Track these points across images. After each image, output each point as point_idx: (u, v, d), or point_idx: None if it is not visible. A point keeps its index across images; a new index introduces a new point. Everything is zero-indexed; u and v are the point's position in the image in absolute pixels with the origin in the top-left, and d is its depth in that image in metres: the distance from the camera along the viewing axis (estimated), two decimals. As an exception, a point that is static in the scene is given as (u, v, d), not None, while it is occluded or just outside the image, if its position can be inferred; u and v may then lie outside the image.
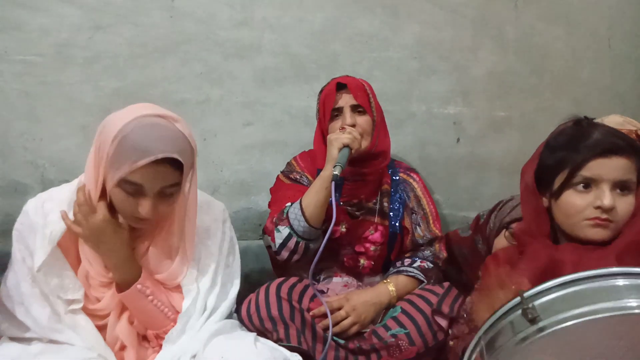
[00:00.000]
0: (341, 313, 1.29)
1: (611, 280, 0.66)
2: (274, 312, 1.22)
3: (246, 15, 1.74)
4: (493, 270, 1.07)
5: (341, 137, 1.29)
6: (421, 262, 1.43)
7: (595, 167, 0.94)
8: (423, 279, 1.39)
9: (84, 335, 1.04)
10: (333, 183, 1.18)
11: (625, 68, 2.23)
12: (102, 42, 1.61)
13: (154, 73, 1.66)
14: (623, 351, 0.64)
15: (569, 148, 0.98)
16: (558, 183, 0.99)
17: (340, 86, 1.42)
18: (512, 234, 1.37)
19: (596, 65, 2.18)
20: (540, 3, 2.07)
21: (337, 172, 1.20)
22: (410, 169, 1.58)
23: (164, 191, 1.00)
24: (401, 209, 1.46)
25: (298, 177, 1.48)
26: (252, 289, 1.30)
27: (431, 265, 1.43)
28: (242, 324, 1.22)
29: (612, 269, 0.67)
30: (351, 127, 1.35)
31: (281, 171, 1.55)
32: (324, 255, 1.43)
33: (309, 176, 1.47)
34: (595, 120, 1.06)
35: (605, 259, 0.88)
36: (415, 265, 1.42)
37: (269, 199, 1.53)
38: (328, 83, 1.46)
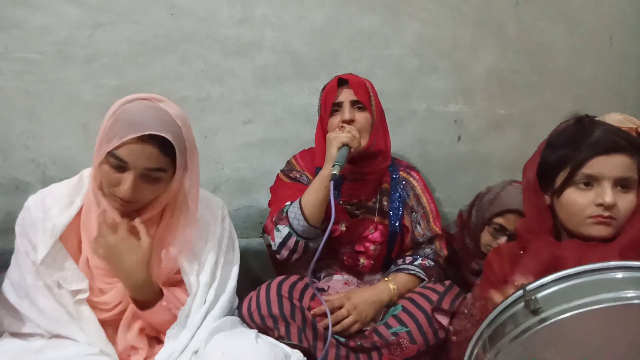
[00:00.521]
0: (342, 312, 1.29)
1: (610, 273, 0.67)
2: (275, 310, 1.22)
3: (246, 13, 1.74)
4: (495, 266, 1.07)
5: (340, 136, 1.29)
6: (422, 260, 1.43)
7: (596, 165, 0.95)
8: (424, 277, 1.39)
9: (87, 329, 1.04)
10: (332, 182, 1.18)
11: (626, 66, 2.22)
12: (103, 40, 1.61)
13: (155, 71, 1.66)
14: (622, 341, 0.65)
15: (571, 146, 0.99)
16: (560, 181, 0.99)
17: (342, 82, 1.42)
18: (495, 229, 1.41)
19: (597, 63, 2.18)
20: (541, 1, 2.07)
21: (336, 172, 1.19)
22: (410, 167, 1.58)
23: (149, 174, 1.01)
24: (401, 208, 1.46)
25: (298, 176, 1.48)
26: (253, 287, 1.30)
27: (432, 263, 1.43)
28: (243, 322, 1.23)
29: (611, 263, 0.68)
30: (350, 126, 1.35)
31: (281, 170, 1.55)
32: (324, 253, 1.43)
33: (309, 175, 1.47)
34: (596, 118, 1.06)
35: (607, 256, 0.88)
36: (416, 263, 1.42)
37: (270, 197, 1.54)
38: (331, 80, 1.46)
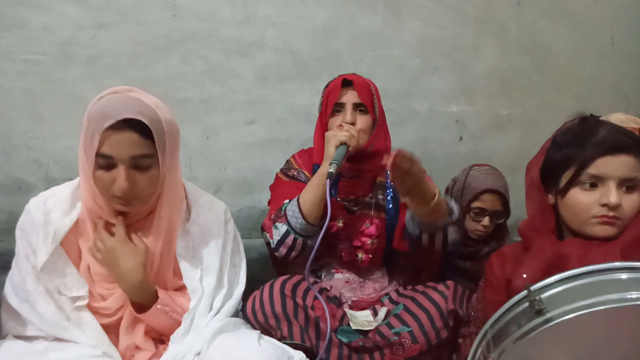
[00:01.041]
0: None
1: (615, 274, 0.67)
2: (278, 309, 1.22)
3: (248, 13, 1.74)
4: (496, 268, 1.07)
5: (338, 135, 1.29)
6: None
7: (601, 165, 0.94)
8: (453, 208, 1.31)
9: (89, 332, 1.04)
10: (328, 180, 1.17)
11: (628, 65, 2.22)
12: (105, 41, 1.61)
13: (157, 71, 1.67)
14: (627, 341, 0.65)
15: (576, 145, 0.98)
16: (564, 180, 0.99)
17: (346, 83, 1.42)
18: (475, 213, 1.54)
19: (599, 62, 2.18)
20: (542, 0, 2.07)
21: (332, 170, 1.19)
22: None
23: (137, 163, 1.01)
24: (397, 197, 1.43)
25: (296, 174, 1.48)
26: (256, 287, 1.30)
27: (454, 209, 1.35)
28: (247, 321, 1.23)
29: (616, 264, 0.68)
30: (349, 125, 1.35)
31: (280, 169, 1.55)
32: (323, 251, 1.43)
33: (307, 173, 1.47)
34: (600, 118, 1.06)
35: (610, 254, 0.88)
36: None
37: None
38: (334, 78, 1.46)
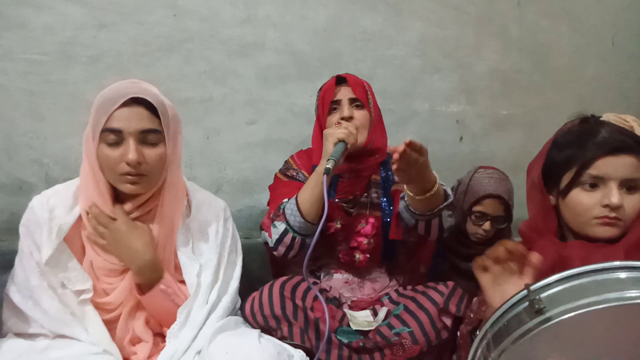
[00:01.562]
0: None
1: (614, 273, 0.67)
2: (277, 311, 1.22)
3: (249, 13, 1.74)
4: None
5: (337, 132, 1.28)
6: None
7: (603, 166, 0.94)
8: (450, 194, 1.28)
9: (91, 328, 1.05)
10: (325, 176, 1.16)
11: (629, 65, 2.22)
12: (106, 41, 1.61)
13: (158, 71, 1.67)
14: (627, 340, 0.65)
15: (577, 146, 0.98)
16: (566, 181, 0.98)
17: (340, 81, 1.42)
18: (477, 217, 1.50)
19: (600, 62, 2.18)
20: (543, 1, 2.07)
21: (330, 166, 1.17)
22: None
23: (145, 138, 1.05)
24: (390, 183, 1.43)
25: (294, 174, 1.48)
26: (256, 287, 1.30)
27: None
28: (246, 322, 1.23)
29: (615, 263, 0.67)
30: (347, 122, 1.34)
31: (279, 169, 1.55)
32: (322, 252, 1.43)
33: (305, 173, 1.47)
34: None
35: (613, 256, 0.87)
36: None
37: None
38: (328, 80, 1.46)
